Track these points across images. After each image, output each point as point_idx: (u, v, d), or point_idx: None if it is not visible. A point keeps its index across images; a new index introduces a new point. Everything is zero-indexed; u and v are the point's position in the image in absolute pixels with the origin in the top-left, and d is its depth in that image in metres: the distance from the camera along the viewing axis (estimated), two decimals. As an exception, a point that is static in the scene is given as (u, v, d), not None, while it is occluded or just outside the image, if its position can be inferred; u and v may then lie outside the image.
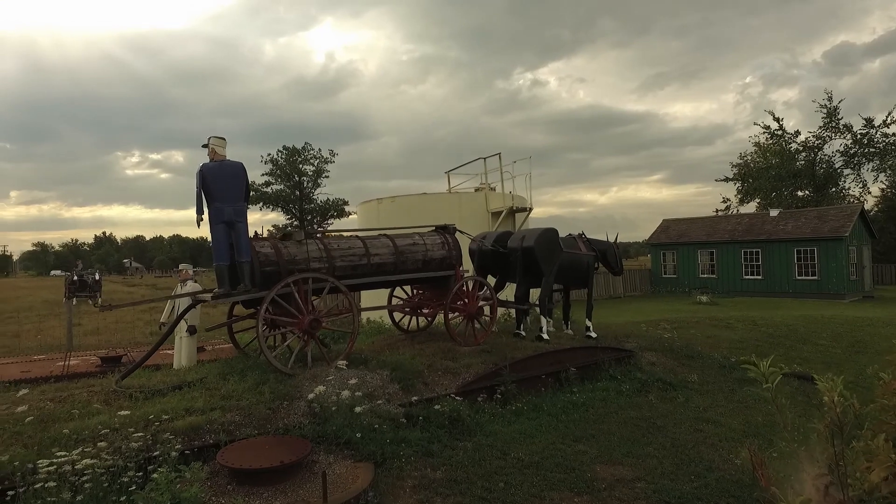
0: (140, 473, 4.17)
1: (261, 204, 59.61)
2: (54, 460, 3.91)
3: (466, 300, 8.17)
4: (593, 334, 9.53)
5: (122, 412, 4.85)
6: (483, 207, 14.98)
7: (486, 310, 8.63)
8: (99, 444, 4.28)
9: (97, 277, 32.45)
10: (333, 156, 61.09)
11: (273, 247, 6.76)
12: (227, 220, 6.26)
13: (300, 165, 60.39)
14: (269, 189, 57.32)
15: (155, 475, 3.97)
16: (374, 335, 9.68)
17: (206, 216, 6.25)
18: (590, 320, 9.66)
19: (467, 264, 9.22)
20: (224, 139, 6.47)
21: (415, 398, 6.15)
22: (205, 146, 6.40)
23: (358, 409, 5.28)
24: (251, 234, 6.66)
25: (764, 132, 34.99)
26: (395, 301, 8.98)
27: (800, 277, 25.33)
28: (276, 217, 58.99)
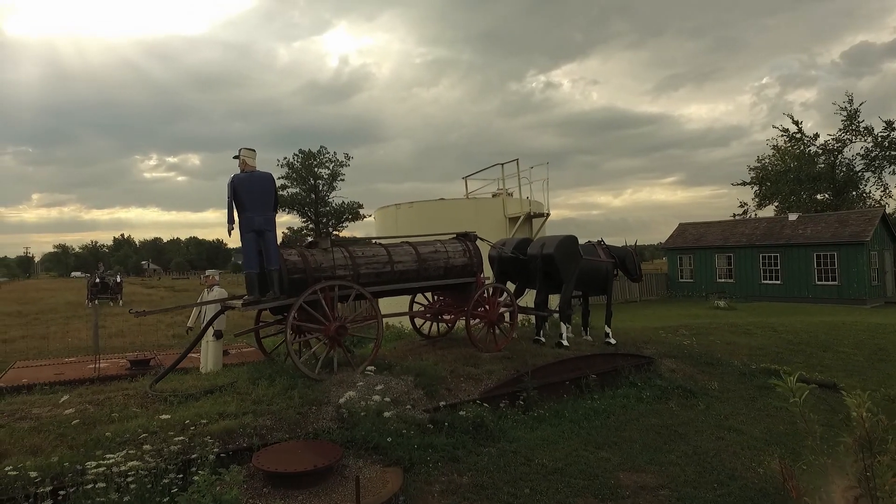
0: (180, 475, 4.35)
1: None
2: (102, 462, 4.10)
3: (487, 307, 8.28)
4: (612, 341, 9.58)
5: (163, 416, 5.04)
6: (500, 213, 15.10)
7: (507, 316, 8.74)
8: (143, 446, 4.46)
9: (118, 280, 33.15)
10: (348, 159, 61.58)
11: (300, 255, 6.94)
12: (257, 228, 6.45)
13: (316, 169, 61.04)
14: (284, 192, 57.99)
15: (195, 477, 4.14)
16: (394, 340, 9.83)
17: (236, 225, 6.45)
18: (609, 327, 9.72)
19: (488, 271, 9.34)
20: (254, 151, 6.67)
21: (442, 403, 6.28)
22: (235, 157, 6.60)
23: (386, 415, 5.42)
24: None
25: (782, 135, 34.68)
26: (415, 307, 9.12)
27: (819, 282, 25.06)
28: (290, 220, 59.52)
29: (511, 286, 9.70)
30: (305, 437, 5.31)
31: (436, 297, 9.13)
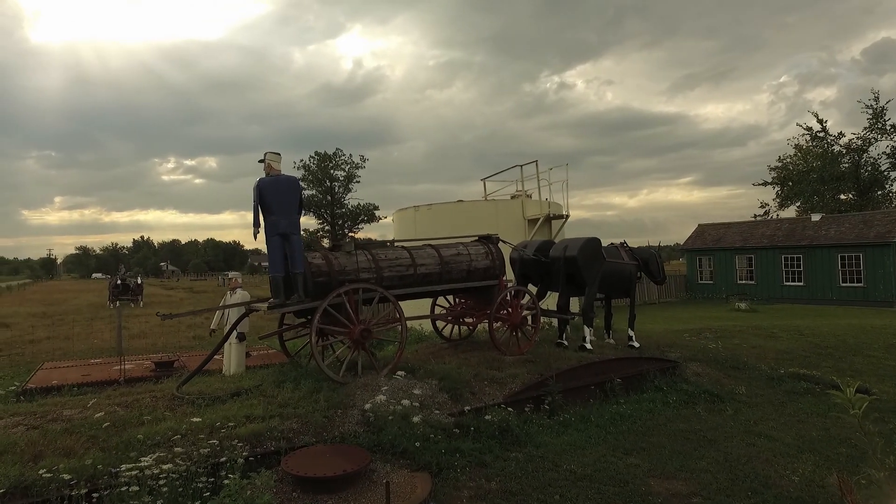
0: (211, 479, 4.36)
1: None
2: (136, 465, 4.12)
3: (510, 310, 8.22)
4: (636, 344, 9.47)
5: (194, 419, 5.07)
6: (519, 215, 15.02)
7: (529, 319, 8.67)
8: (175, 448, 4.48)
9: (139, 281, 33.67)
10: (364, 161, 61.88)
11: (324, 258, 6.95)
12: (282, 232, 6.47)
13: (332, 171, 61.42)
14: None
15: (226, 481, 4.15)
16: (415, 343, 9.81)
17: (262, 228, 6.48)
18: (632, 329, 9.61)
19: (509, 273, 9.28)
20: (279, 154, 6.69)
21: (467, 408, 6.24)
22: (261, 161, 6.63)
23: (415, 419, 5.39)
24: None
25: (805, 133, 34.05)
26: (437, 310, 9.09)
27: (844, 284, 24.56)
28: (305, 221, 59.94)
29: (533, 289, 9.64)
30: (332, 440, 5.31)
31: (457, 300, 9.10)
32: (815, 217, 27.34)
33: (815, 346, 11.49)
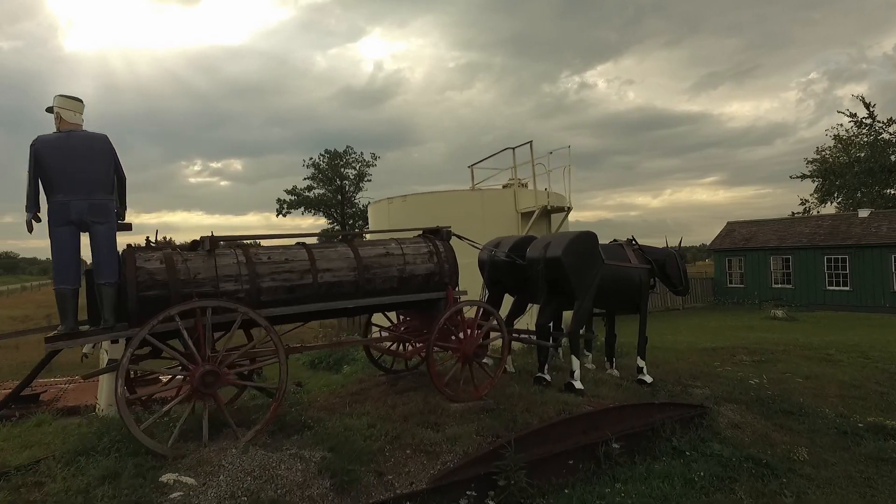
0: None
1: (302, 209, 59.41)
2: None
3: (462, 334, 5.75)
4: (648, 378, 6.92)
5: None
6: (511, 207, 12.52)
7: (492, 347, 6.22)
8: None
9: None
10: (375, 159, 60.08)
11: (165, 260, 4.57)
12: (76, 219, 4.12)
13: (342, 169, 59.65)
14: (311, 194, 56.77)
15: None
16: (348, 376, 7.40)
17: (42, 214, 4.14)
18: (643, 359, 7.04)
19: (468, 282, 6.85)
20: (79, 101, 4.34)
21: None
22: (49, 110, 4.28)
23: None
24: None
25: (851, 120, 30.52)
26: (375, 331, 6.69)
27: (900, 289, 21.41)
28: (314, 222, 58.55)
29: (526, 301, 7.18)
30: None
31: (400, 317, 6.70)
32: (864, 213, 24.15)
33: (892, 375, 8.72)
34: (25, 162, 4.07)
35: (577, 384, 6.15)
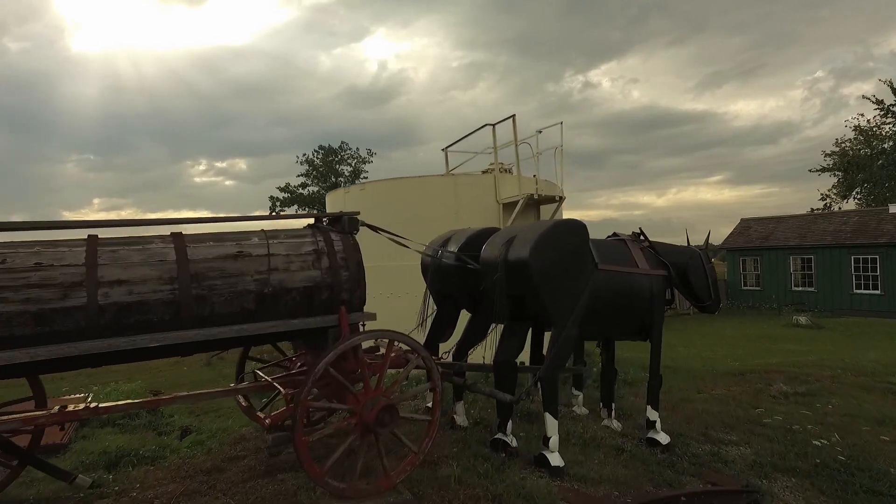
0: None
1: (295, 206, 57.71)
2: None
3: (362, 381, 3.55)
4: (662, 438, 4.71)
5: None
6: (491, 196, 10.31)
7: (402, 410, 4.06)
8: None
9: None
10: (371, 155, 58.21)
11: None
12: None
13: (336, 166, 57.77)
14: (304, 191, 54.92)
15: None
16: (217, 434, 5.19)
17: None
18: (655, 409, 4.81)
19: (406, 294, 4.70)
20: None
21: None
22: None
23: None
24: None
25: (877, 108, 28.01)
26: (252, 368, 4.52)
27: (940, 293, 19.10)
28: (309, 220, 56.47)
29: (487, 321, 5.03)
30: None
31: (298, 352, 4.55)
32: (894, 208, 21.80)
33: None
34: (32, 162, 1.95)
35: (554, 457, 3.95)
